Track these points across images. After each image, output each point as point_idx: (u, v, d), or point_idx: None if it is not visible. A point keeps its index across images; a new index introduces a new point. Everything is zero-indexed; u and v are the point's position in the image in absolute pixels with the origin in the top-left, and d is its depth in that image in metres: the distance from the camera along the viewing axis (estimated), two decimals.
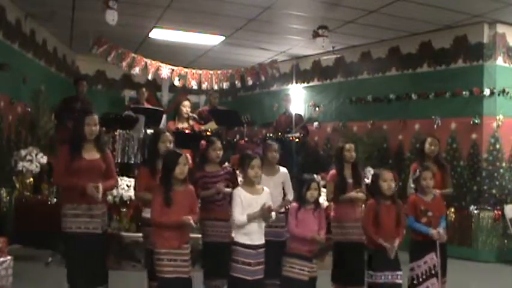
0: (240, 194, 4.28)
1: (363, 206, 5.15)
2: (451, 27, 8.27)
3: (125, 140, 7.44)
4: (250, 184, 4.35)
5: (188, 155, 5.56)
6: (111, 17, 6.92)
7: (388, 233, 4.47)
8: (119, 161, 7.36)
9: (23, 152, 7.36)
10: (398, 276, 4.47)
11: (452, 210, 8.00)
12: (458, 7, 7.34)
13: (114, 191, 6.44)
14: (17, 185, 7.35)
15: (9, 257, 5.18)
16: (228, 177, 5.05)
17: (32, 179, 7.44)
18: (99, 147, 4.50)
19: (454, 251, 7.81)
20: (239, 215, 4.22)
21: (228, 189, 4.80)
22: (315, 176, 5.02)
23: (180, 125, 7.96)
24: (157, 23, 8.71)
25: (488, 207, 7.85)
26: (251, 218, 4.21)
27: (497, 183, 7.92)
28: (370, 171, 7.86)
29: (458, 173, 8.11)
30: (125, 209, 6.70)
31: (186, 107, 8.15)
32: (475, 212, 7.86)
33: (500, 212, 7.82)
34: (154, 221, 4.08)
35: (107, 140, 7.57)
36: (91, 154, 4.42)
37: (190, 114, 8.30)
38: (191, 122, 8.21)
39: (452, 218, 7.98)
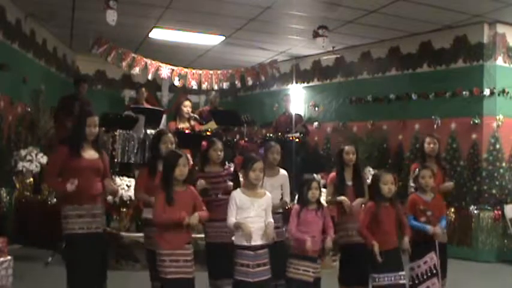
0: (236, 196, 4.27)
1: (363, 206, 5.14)
2: (451, 27, 8.27)
3: (125, 140, 7.44)
4: (250, 187, 4.33)
5: (188, 155, 5.57)
6: (111, 17, 6.93)
7: (388, 235, 4.46)
8: (119, 161, 7.36)
9: (23, 152, 7.37)
10: (402, 277, 4.45)
11: (452, 210, 7.99)
12: (458, 7, 7.34)
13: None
14: (17, 185, 7.36)
15: (9, 257, 5.18)
16: (230, 177, 5.05)
17: (32, 179, 7.45)
18: (97, 147, 4.55)
19: (454, 251, 7.83)
20: (230, 217, 4.23)
21: (203, 182, 4.81)
22: (316, 175, 5.03)
23: (181, 125, 7.96)
24: (157, 23, 8.70)
25: (488, 207, 7.84)
26: (237, 227, 4.20)
27: (497, 183, 7.91)
28: (370, 171, 7.87)
29: (458, 173, 8.11)
30: (124, 209, 6.70)
31: (187, 107, 8.16)
32: (475, 212, 7.85)
33: (500, 212, 7.82)
34: (156, 220, 4.08)
35: (107, 140, 7.59)
36: (90, 154, 4.45)
37: (192, 114, 8.30)
38: (192, 122, 8.21)
39: (452, 218, 7.97)
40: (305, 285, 4.47)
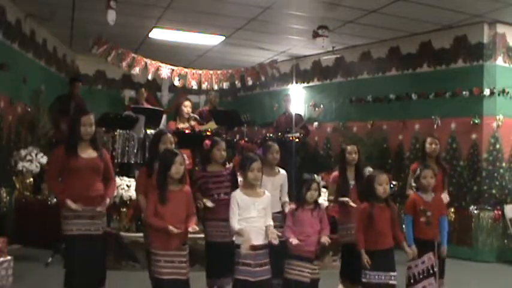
0: (237, 196, 4.27)
1: None
2: (451, 27, 8.27)
3: (125, 140, 7.43)
4: (249, 186, 4.33)
5: (187, 155, 5.55)
6: (112, 17, 6.93)
7: (382, 236, 4.44)
8: (119, 161, 7.35)
9: (23, 152, 7.37)
10: (392, 277, 4.43)
11: (452, 210, 8.00)
12: (458, 7, 7.34)
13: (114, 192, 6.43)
14: (17, 185, 7.36)
15: (9, 257, 5.19)
16: (229, 178, 5.04)
17: (32, 179, 7.45)
18: (95, 146, 4.46)
19: (454, 251, 7.82)
20: (234, 220, 4.22)
21: (211, 204, 4.82)
22: (316, 176, 5.03)
23: (181, 125, 7.95)
24: (157, 23, 8.71)
25: (488, 207, 7.84)
26: (240, 234, 4.19)
27: (497, 183, 7.91)
28: (369, 171, 7.86)
29: (458, 173, 8.11)
30: (125, 209, 6.71)
31: (187, 107, 8.14)
32: (475, 212, 7.85)
33: (500, 212, 7.82)
34: (145, 220, 4.08)
35: (107, 140, 7.59)
36: (88, 153, 4.39)
37: (192, 114, 8.29)
38: (192, 122, 8.21)
39: (452, 218, 7.97)
40: (301, 285, 4.46)
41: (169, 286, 4.00)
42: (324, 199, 5.77)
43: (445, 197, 5.53)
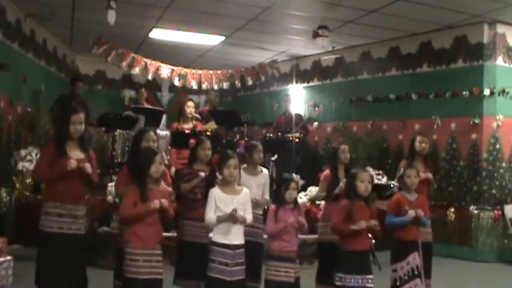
0: (214, 194, 4.25)
1: None
2: (451, 27, 8.27)
3: (125, 140, 7.42)
4: (226, 184, 4.30)
5: (164, 154, 5.51)
6: (112, 17, 6.93)
7: (361, 236, 4.37)
8: (119, 160, 7.35)
9: (23, 152, 7.35)
10: (369, 281, 4.34)
11: (452, 210, 8.00)
12: (458, 7, 7.34)
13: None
14: (17, 185, 7.35)
15: (9, 257, 5.18)
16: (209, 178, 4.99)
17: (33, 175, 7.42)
18: (82, 146, 4.38)
19: (454, 251, 7.84)
20: (209, 213, 4.20)
21: (203, 174, 4.80)
22: (294, 175, 4.99)
23: (185, 126, 7.93)
24: (157, 23, 8.71)
25: (488, 207, 7.84)
26: (220, 220, 4.16)
27: (497, 183, 7.91)
28: (370, 171, 7.86)
29: (458, 173, 8.11)
30: None
31: (190, 107, 8.10)
32: (475, 212, 7.85)
33: (500, 212, 7.82)
34: (122, 214, 4.04)
35: (107, 140, 7.59)
36: (76, 153, 4.31)
37: (194, 114, 8.27)
38: (195, 122, 8.19)
39: (452, 218, 7.98)
40: (287, 286, 4.40)
41: (146, 286, 3.95)
42: (306, 198, 5.66)
43: (428, 175, 5.43)
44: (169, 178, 4.84)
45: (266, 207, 5.09)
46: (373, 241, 5.56)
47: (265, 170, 5.25)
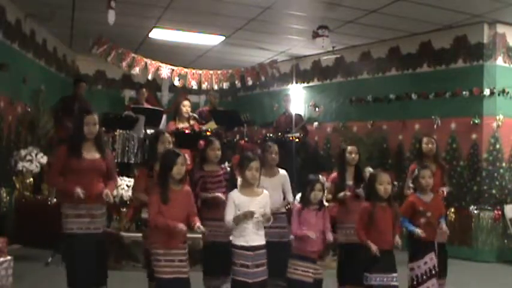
0: (234, 196, 4.27)
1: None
2: (451, 27, 8.27)
3: (125, 140, 7.43)
4: (247, 186, 4.32)
5: (187, 155, 5.56)
6: (112, 17, 6.93)
7: (384, 235, 4.40)
8: (119, 161, 7.36)
9: (23, 152, 7.36)
10: (394, 279, 4.38)
11: (452, 210, 8.00)
12: (458, 7, 7.34)
13: (114, 191, 6.43)
14: (17, 185, 7.36)
15: (9, 257, 5.18)
16: (226, 177, 5.04)
17: (32, 179, 7.44)
18: (98, 146, 4.46)
19: (454, 251, 7.81)
20: (229, 216, 4.22)
21: (221, 196, 4.82)
22: (320, 176, 5.01)
23: (181, 125, 7.95)
24: (157, 23, 8.70)
25: (488, 207, 7.84)
26: (236, 220, 4.18)
27: (497, 183, 7.91)
28: (369, 171, 7.85)
29: (458, 173, 8.11)
30: (124, 209, 6.70)
31: (185, 106, 8.15)
32: (475, 212, 7.85)
33: (500, 212, 7.82)
34: (151, 222, 4.07)
35: (107, 140, 7.58)
36: (91, 154, 4.40)
37: (191, 114, 8.29)
38: (192, 122, 8.21)
39: (452, 218, 7.98)
40: (304, 285, 4.44)
41: (170, 285, 4.01)
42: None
43: (446, 189, 5.51)
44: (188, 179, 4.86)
45: (290, 207, 5.09)
46: None
47: (282, 171, 5.20)
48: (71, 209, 4.33)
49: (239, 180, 4.55)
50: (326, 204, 5.88)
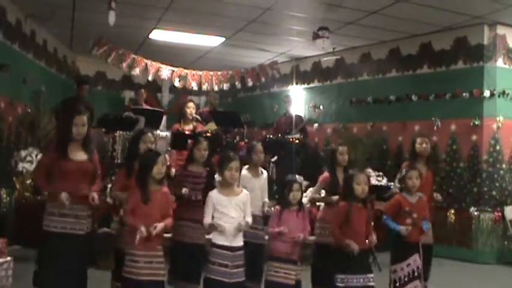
0: (213, 197, 4.25)
1: None
2: (451, 29, 8.27)
3: (125, 141, 7.41)
4: (226, 186, 4.30)
5: (167, 156, 5.50)
6: (112, 18, 6.93)
7: (359, 236, 4.35)
8: (119, 161, 7.35)
9: (23, 153, 7.35)
10: (371, 279, 4.34)
11: (453, 211, 8.00)
12: (459, 8, 7.34)
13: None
14: (17, 186, 7.35)
15: (9, 258, 5.17)
16: (207, 179, 4.97)
17: (32, 180, 7.42)
18: (86, 148, 4.34)
19: (454, 253, 7.84)
20: (207, 218, 4.21)
21: (186, 190, 4.77)
22: (298, 177, 4.96)
23: (186, 127, 7.92)
24: (157, 24, 8.71)
25: (489, 209, 7.83)
26: (212, 228, 4.17)
27: (497, 184, 7.90)
28: (370, 173, 7.86)
29: (459, 174, 8.11)
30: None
31: (190, 108, 8.09)
32: (475, 213, 7.85)
33: (500, 214, 7.81)
34: (124, 219, 4.05)
35: (107, 141, 7.58)
36: (78, 155, 4.27)
37: (194, 115, 8.26)
38: (195, 124, 8.18)
39: (452, 220, 7.98)
40: (286, 287, 4.39)
41: (146, 287, 3.94)
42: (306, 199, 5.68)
43: (437, 195, 5.48)
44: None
45: (267, 209, 5.05)
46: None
47: (264, 172, 5.23)
48: (55, 208, 4.21)
49: (217, 179, 4.51)
50: (318, 204, 5.84)
